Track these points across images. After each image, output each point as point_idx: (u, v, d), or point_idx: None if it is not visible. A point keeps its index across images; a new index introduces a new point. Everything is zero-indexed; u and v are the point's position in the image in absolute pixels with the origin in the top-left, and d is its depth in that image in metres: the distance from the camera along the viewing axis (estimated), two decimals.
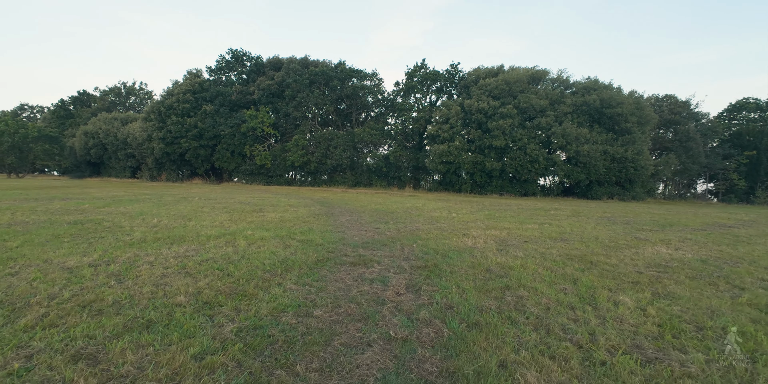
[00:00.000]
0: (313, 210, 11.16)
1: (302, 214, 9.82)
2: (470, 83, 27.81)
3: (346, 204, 13.93)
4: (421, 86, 29.48)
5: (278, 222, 8.10)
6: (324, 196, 18.57)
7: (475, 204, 15.99)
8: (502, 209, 13.46)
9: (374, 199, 17.00)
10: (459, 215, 10.68)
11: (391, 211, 11.35)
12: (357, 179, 30.26)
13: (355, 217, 9.63)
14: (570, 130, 21.91)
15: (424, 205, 14.02)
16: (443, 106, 26.79)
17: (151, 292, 3.25)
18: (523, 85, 25.18)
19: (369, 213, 10.81)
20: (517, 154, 23.12)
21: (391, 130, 31.07)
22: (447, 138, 25.09)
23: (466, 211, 12.02)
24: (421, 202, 15.67)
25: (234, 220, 8.14)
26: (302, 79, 30.47)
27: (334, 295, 3.44)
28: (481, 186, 25.89)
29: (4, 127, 34.99)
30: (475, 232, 7.44)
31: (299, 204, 13.16)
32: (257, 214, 9.46)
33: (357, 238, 6.48)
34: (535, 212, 12.58)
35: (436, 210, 12.23)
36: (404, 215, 10.37)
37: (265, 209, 10.81)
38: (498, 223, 9.07)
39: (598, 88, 24.80)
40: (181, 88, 32.00)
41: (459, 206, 14.24)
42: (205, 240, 5.68)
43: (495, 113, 23.70)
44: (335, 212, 10.85)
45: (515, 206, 15.28)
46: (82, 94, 58.34)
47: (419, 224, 8.47)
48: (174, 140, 31.25)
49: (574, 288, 3.78)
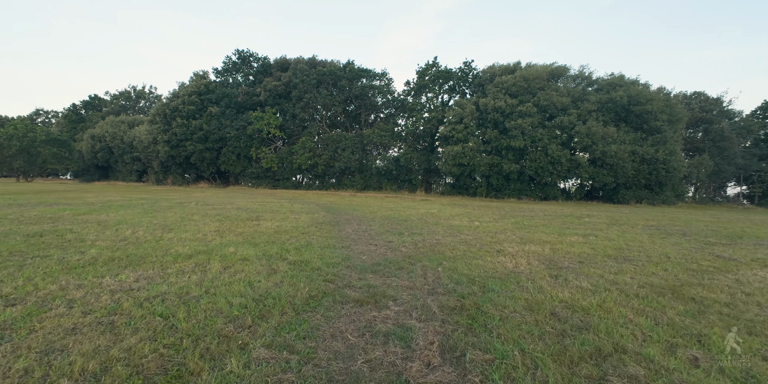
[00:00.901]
0: (317, 217, 9.90)
1: (303, 223, 8.56)
2: (485, 81, 26.39)
3: (353, 210, 12.65)
4: (432, 85, 28.16)
5: (272, 234, 6.85)
6: (331, 201, 17.34)
7: (494, 209, 14.54)
8: (527, 216, 11.99)
9: (384, 204, 15.69)
10: (483, 224, 9.28)
11: (405, 219, 10.02)
12: (366, 183, 29.02)
13: (364, 227, 8.32)
14: (595, 129, 20.27)
15: (440, 211, 12.64)
16: (457, 105, 25.42)
17: (24, 370, 1.99)
18: (542, 82, 23.65)
19: (379, 221, 9.50)
20: (538, 156, 21.56)
21: (402, 131, 29.80)
22: (461, 139, 23.68)
23: (488, 219, 10.60)
24: (436, 208, 14.29)
25: (221, 232, 6.92)
26: (309, 80, 29.49)
27: (326, 371, 2.13)
28: (497, 189, 24.35)
29: (13, 130, 34.89)
30: (511, 247, 6.05)
31: (302, 210, 11.93)
32: (251, 223, 8.23)
33: (365, 256, 5.17)
34: (566, 219, 11.09)
35: (455, 217, 10.85)
36: (420, 224, 9.02)
37: (262, 217, 9.59)
38: (532, 234, 7.64)
39: (624, 84, 23.09)
40: (187, 90, 31.39)
41: (479, 212, 12.82)
42: (170, 262, 4.44)
43: (513, 112, 22.22)
44: (341, 220, 9.57)
45: (540, 212, 13.78)
46: (93, 99, 58.84)
47: (439, 236, 7.11)
48: (179, 143, 30.55)
49: (706, 354, 2.39)
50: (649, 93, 22.44)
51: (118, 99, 56.74)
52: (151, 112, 33.37)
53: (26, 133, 35.32)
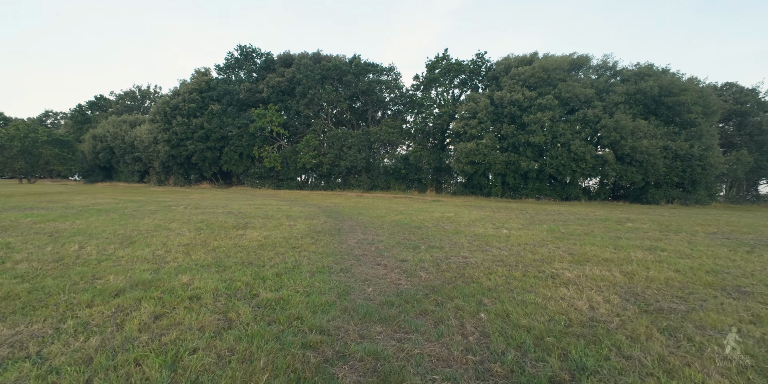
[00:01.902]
0: (315, 224, 8.48)
1: (297, 232, 7.14)
2: (500, 73, 24.69)
3: (359, 214, 11.21)
4: (443, 79, 26.55)
5: (254, 249, 5.43)
6: (335, 203, 15.94)
7: (516, 212, 12.95)
8: (558, 220, 10.41)
9: (394, 206, 14.23)
10: (513, 232, 7.74)
11: (418, 226, 8.54)
12: (373, 182, 27.58)
13: (370, 237, 6.88)
14: (624, 123, 18.46)
15: (457, 215, 11.12)
16: (469, 99, 23.79)
17: None
18: (562, 72, 21.89)
19: (388, 228, 8.04)
20: (559, 152, 19.83)
21: (411, 128, 28.26)
22: (474, 135, 22.07)
23: (516, 225, 9.06)
24: (451, 210, 12.76)
25: (191, 246, 5.54)
26: (313, 75, 28.12)
27: None
28: (513, 189, 22.68)
29: (15, 131, 34.29)
30: (565, 269, 4.53)
31: (301, 214, 10.54)
32: (235, 233, 6.85)
33: (371, 287, 3.71)
34: (606, 225, 9.48)
35: (476, 222, 9.33)
36: (437, 232, 7.53)
37: (251, 224, 8.21)
38: (581, 246, 6.09)
39: (654, 74, 21.19)
40: (188, 87, 30.30)
41: (501, 216, 11.26)
42: (84, 304, 3.04)
43: (531, 105, 20.52)
44: (343, 228, 8.13)
45: (569, 215, 12.15)
46: (99, 99, 58.55)
47: (465, 251, 5.62)
48: (179, 142, 29.49)
49: None
50: (682, 83, 20.52)
51: (123, 99, 56.33)
52: (152, 110, 32.40)
53: (28, 133, 34.71)
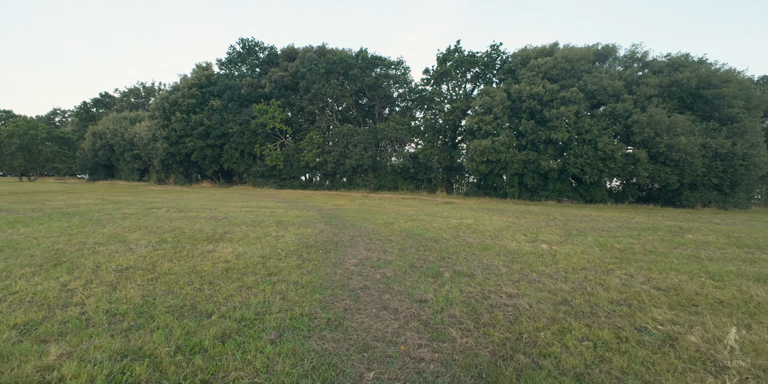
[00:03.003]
0: (309, 234, 6.97)
1: (284, 247, 5.64)
2: (517, 66, 22.92)
3: (363, 219, 9.68)
4: (455, 72, 24.87)
5: (213, 278, 3.94)
6: (338, 205, 14.44)
7: (543, 217, 11.30)
8: (598, 229, 8.74)
9: (402, 210, 12.67)
10: (555, 248, 6.13)
11: (435, 237, 6.97)
12: (380, 182, 26.04)
13: (375, 254, 5.34)
14: (660, 118, 16.59)
15: (478, 222, 9.52)
16: (484, 93, 22.08)
17: None
18: (587, 64, 20.06)
19: (398, 240, 6.50)
20: (584, 150, 18.04)
21: (420, 125, 26.65)
22: (490, 131, 20.39)
23: (553, 236, 7.43)
24: (469, 215, 11.15)
25: (127, 274, 4.06)
26: (318, 69, 26.66)
27: None
28: (531, 190, 20.94)
29: (14, 127, 33.53)
30: (680, 325, 2.93)
31: (296, 220, 9.04)
32: (203, 249, 5.37)
33: (373, 373, 2.19)
34: (660, 236, 7.79)
35: (502, 232, 7.73)
36: (459, 247, 5.97)
37: (230, 234, 6.73)
38: (661, 275, 4.46)
39: (690, 65, 19.24)
40: (188, 82, 29.11)
41: (528, 223, 9.63)
42: None
43: (553, 98, 18.75)
44: (343, 239, 6.61)
45: (607, 222, 10.46)
46: (104, 97, 58.05)
47: (506, 282, 4.05)
48: (178, 139, 28.31)
49: None
50: (722, 74, 18.55)
51: (127, 96, 55.64)
52: (151, 106, 31.31)
53: (27, 130, 33.92)
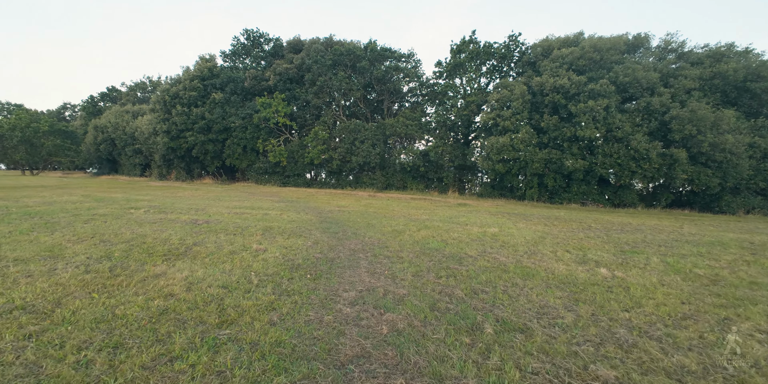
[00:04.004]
0: (299, 247, 5.57)
1: (260, 269, 4.25)
2: (537, 57, 21.22)
3: (368, 225, 8.26)
4: (470, 65, 23.24)
5: (139, 327, 2.55)
6: (342, 206, 13.06)
7: (576, 225, 9.75)
8: (651, 242, 7.20)
9: (413, 213, 11.22)
10: (618, 274, 4.64)
11: (457, 255, 5.51)
12: (388, 181, 24.63)
13: (380, 282, 3.93)
14: (703, 114, 14.80)
15: (503, 230, 8.02)
16: (502, 86, 20.43)
17: None
18: (617, 54, 18.27)
19: (411, 259, 5.06)
20: (614, 149, 16.33)
21: (431, 121, 25.12)
22: (508, 128, 18.77)
23: (605, 254, 5.92)
24: (490, 221, 9.64)
25: (7, 317, 2.74)
26: (324, 60, 25.27)
27: None
28: (552, 192, 19.30)
29: (16, 120, 32.89)
30: None
31: (288, 227, 7.67)
32: (150, 271, 4.02)
33: None
34: (741, 256, 6.23)
35: (538, 245, 6.24)
36: (493, 272, 4.51)
37: (201, 245, 5.38)
38: None
39: (734, 55, 17.35)
40: (190, 74, 27.99)
41: (562, 232, 8.10)
42: None
43: (580, 92, 17.05)
44: (341, 256, 5.20)
45: (654, 232, 8.87)
46: (111, 91, 57.58)
47: (580, 341, 2.61)
48: (179, 134, 27.23)
49: None
50: None
51: (134, 90, 55.12)
52: (152, 99, 30.32)
53: (29, 123, 33.27)
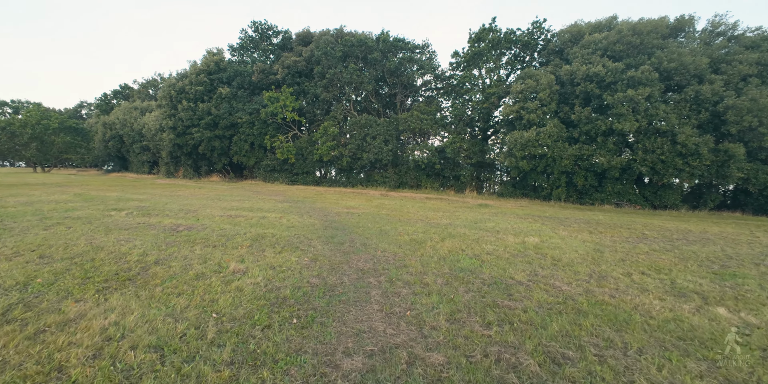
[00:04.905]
0: (291, 268, 4.23)
1: (230, 306, 2.92)
2: (565, 44, 19.43)
3: (381, 232, 6.88)
4: (490, 54, 21.55)
5: None
6: (351, 208, 11.73)
7: (626, 232, 8.17)
8: (749, 259, 5.62)
9: (432, 215, 9.80)
10: (759, 319, 3.17)
11: (500, 280, 4.08)
12: (401, 179, 23.24)
13: (400, 335, 2.53)
14: (766, 103, 12.89)
15: (547, 241, 6.54)
16: (526, 76, 18.73)
17: None
18: (658, 38, 16.36)
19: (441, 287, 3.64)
20: (658, 144, 14.52)
21: (448, 115, 23.57)
22: (533, 121, 17.11)
23: (708, 283, 4.39)
24: (526, 228, 8.15)
25: None
26: (334, 52, 23.96)
27: None
28: (582, 192, 17.57)
29: (27, 117, 32.71)
30: None
31: (284, 235, 6.36)
32: (68, 313, 2.75)
33: None
34: None
35: (603, 265, 4.75)
36: (562, 314, 3.07)
37: (162, 265, 4.10)
38: None
39: None
40: (196, 68, 27.11)
41: (624, 245, 6.57)
42: None
43: (617, 80, 15.25)
44: (345, 280, 3.84)
45: (737, 246, 7.22)
46: (123, 88, 57.71)
47: None
48: (185, 130, 26.40)
49: None
50: None
51: (145, 88, 55.04)
52: (158, 95, 29.59)
53: (40, 120, 33.07)
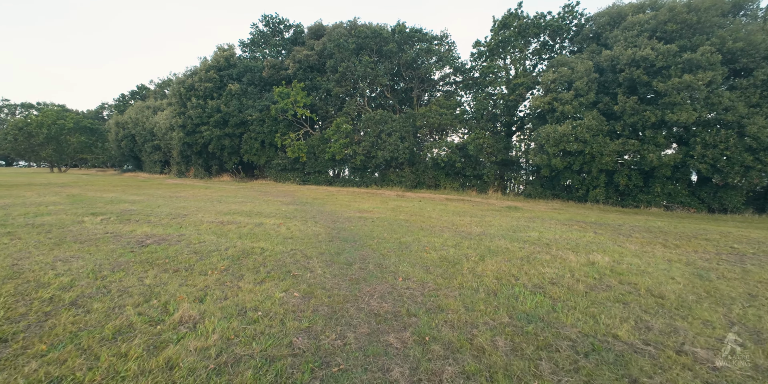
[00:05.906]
0: (269, 313, 2.73)
1: None
2: (602, 28, 17.43)
3: (401, 246, 5.35)
4: (516, 42, 19.71)
5: None
6: (364, 211, 10.28)
7: (713, 245, 6.40)
8: None
9: (458, 220, 8.21)
10: None
11: (596, 336, 2.42)
12: (418, 178, 21.69)
13: None
14: None
15: (622, 262, 4.85)
16: (560, 63, 16.85)
17: None
18: (717, 16, 14.22)
19: (511, 363, 2.03)
20: (721, 137, 12.48)
21: (470, 109, 21.86)
22: (568, 113, 15.24)
23: None
24: (580, 240, 6.46)
25: None
26: (347, 44, 22.61)
27: None
28: (624, 193, 15.60)
29: (43, 117, 32.80)
30: None
31: (278, 251, 4.93)
32: None
33: None
34: None
35: (725, 303, 3.08)
36: None
37: (77, 309, 2.71)
38: None
39: None
40: (206, 65, 26.29)
41: (719, 263, 4.83)
42: None
43: (670, 64, 13.24)
44: (346, 348, 2.29)
45: None
46: (140, 88, 58.29)
47: None
48: (195, 128, 25.60)
49: None
50: None
51: (161, 88, 55.33)
52: (169, 93, 28.98)
53: (56, 120, 33.11)
